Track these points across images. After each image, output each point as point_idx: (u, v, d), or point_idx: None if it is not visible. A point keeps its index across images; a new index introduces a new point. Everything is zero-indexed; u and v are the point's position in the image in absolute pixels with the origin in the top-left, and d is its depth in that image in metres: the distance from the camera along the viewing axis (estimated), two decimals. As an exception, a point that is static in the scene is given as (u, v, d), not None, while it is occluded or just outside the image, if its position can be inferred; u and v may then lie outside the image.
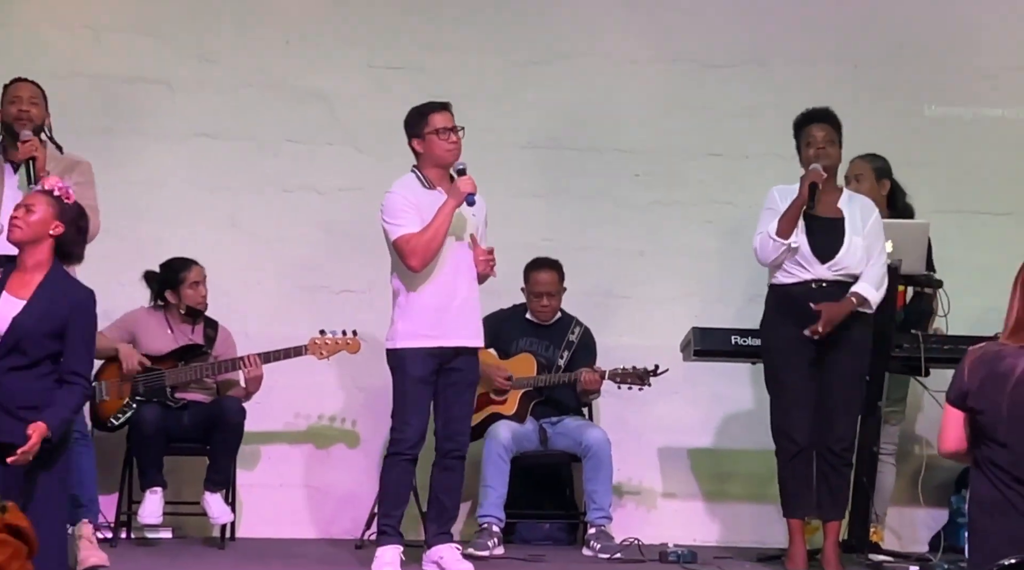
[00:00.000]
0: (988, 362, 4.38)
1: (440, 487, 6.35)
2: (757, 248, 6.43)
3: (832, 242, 6.39)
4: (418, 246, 6.15)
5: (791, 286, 6.39)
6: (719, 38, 7.78)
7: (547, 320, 7.25)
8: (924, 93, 7.77)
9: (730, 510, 7.59)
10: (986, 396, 4.36)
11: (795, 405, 6.37)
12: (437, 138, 6.25)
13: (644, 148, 7.75)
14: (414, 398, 6.19)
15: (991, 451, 4.39)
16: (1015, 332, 4.40)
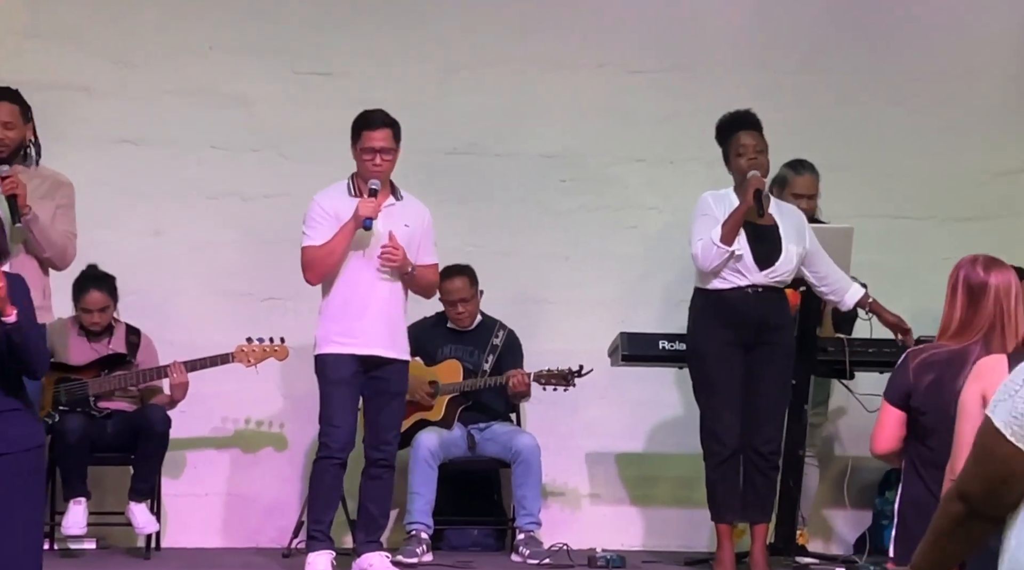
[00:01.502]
0: (935, 363, 4.40)
1: (368, 496, 6.36)
2: (698, 254, 6.42)
3: (770, 249, 6.44)
4: (313, 260, 6.25)
5: (726, 292, 6.42)
6: (644, 44, 7.81)
7: (467, 326, 7.24)
8: (842, 98, 7.83)
9: (657, 514, 7.62)
10: (932, 397, 4.39)
11: (724, 409, 6.41)
12: (363, 155, 6.28)
13: (569, 153, 7.77)
14: (338, 401, 6.22)
15: (930, 452, 4.41)
16: (958, 333, 4.42)
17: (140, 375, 6.88)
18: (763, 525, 6.52)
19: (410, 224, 6.40)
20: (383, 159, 6.31)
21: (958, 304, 4.42)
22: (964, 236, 7.70)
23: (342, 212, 6.28)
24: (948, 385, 4.35)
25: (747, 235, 6.42)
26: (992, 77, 7.89)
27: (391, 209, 6.41)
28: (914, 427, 4.44)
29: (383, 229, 6.32)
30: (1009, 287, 4.41)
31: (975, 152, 7.85)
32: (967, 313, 4.40)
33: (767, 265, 6.42)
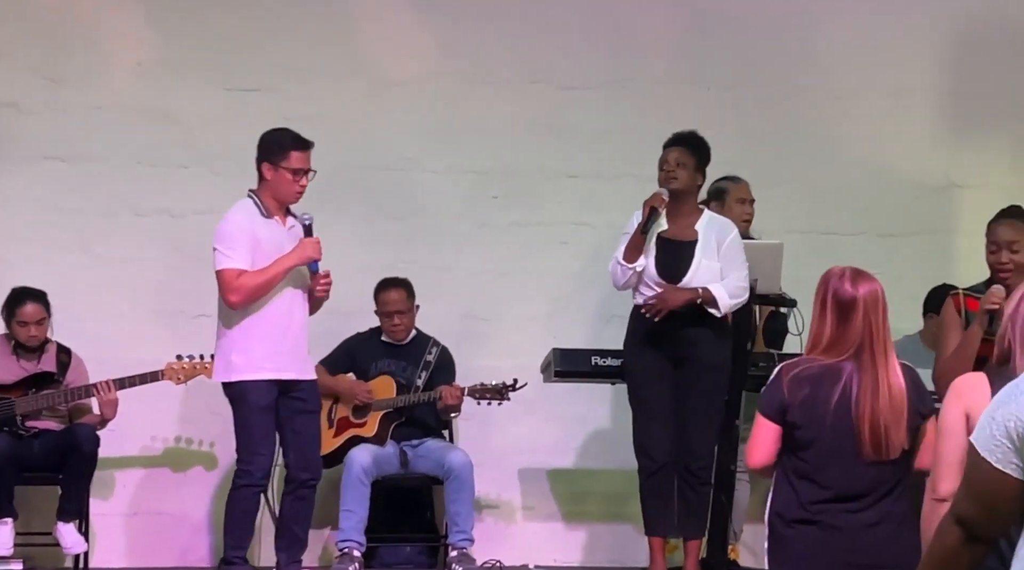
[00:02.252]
0: (808, 378, 4.42)
1: (292, 517, 6.36)
2: (610, 272, 6.50)
3: (679, 264, 6.46)
4: (244, 286, 6.17)
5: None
6: (576, 60, 7.83)
7: (402, 339, 7.21)
8: (776, 114, 7.88)
9: (590, 530, 7.62)
10: (807, 411, 4.41)
11: (656, 424, 6.43)
12: (291, 177, 6.22)
13: (502, 169, 7.77)
14: (261, 428, 6.21)
15: (804, 465, 4.43)
16: (829, 348, 4.44)
17: (68, 393, 6.81)
18: (696, 540, 6.54)
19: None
20: (307, 179, 6.28)
21: (828, 319, 4.44)
22: (894, 252, 7.78)
23: (259, 232, 6.26)
24: (822, 399, 4.39)
25: (657, 250, 6.44)
26: (922, 94, 7.96)
27: (295, 231, 6.40)
28: (788, 440, 4.45)
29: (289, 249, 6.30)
30: (876, 299, 4.44)
31: (905, 168, 7.91)
32: (837, 328, 4.42)
33: (675, 279, 6.43)
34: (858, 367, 4.40)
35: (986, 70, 7.96)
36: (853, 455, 4.39)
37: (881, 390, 4.38)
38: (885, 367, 4.41)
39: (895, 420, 4.38)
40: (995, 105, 7.94)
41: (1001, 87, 7.94)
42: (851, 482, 4.41)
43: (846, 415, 4.38)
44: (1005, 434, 3.00)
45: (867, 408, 4.37)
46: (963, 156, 7.92)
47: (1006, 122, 7.94)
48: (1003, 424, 3.00)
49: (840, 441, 4.39)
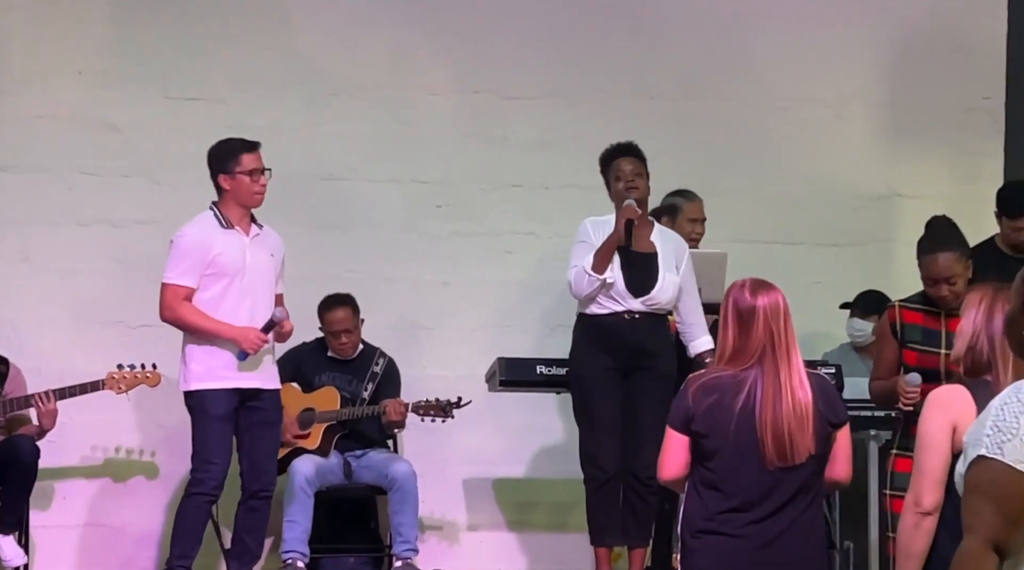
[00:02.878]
0: (712, 388, 4.48)
1: (244, 527, 6.33)
2: (572, 281, 6.47)
3: (646, 277, 6.48)
4: (179, 313, 6.25)
5: (603, 317, 6.46)
6: (519, 70, 7.84)
7: (349, 355, 7.20)
8: (718, 125, 7.92)
9: (535, 540, 7.62)
10: (712, 420, 4.45)
11: (604, 433, 6.43)
12: (248, 179, 6.23)
13: (445, 179, 7.77)
14: (217, 438, 6.18)
15: (712, 475, 4.48)
16: (733, 358, 4.49)
17: (7, 404, 6.74)
18: (641, 549, 6.56)
19: (274, 253, 6.42)
20: (264, 178, 6.30)
21: (730, 329, 4.50)
22: (835, 261, 7.84)
23: (213, 245, 6.26)
24: (726, 408, 4.44)
25: (622, 262, 6.46)
26: (862, 105, 8.03)
27: (258, 239, 6.40)
28: (696, 450, 4.50)
29: (255, 260, 6.31)
30: (777, 308, 4.50)
31: (845, 178, 7.97)
32: (740, 339, 4.48)
33: (642, 292, 6.46)
34: (761, 375, 4.45)
35: (925, 80, 8.04)
36: (758, 462, 4.43)
37: (784, 396, 4.43)
38: (788, 374, 4.45)
39: (799, 426, 4.42)
40: (934, 115, 8.02)
41: (940, 97, 8.02)
42: (756, 490, 4.44)
43: (750, 423, 4.43)
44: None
45: (769, 414, 4.42)
46: (903, 166, 7.99)
47: (945, 132, 8.02)
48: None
49: (744, 449, 4.43)
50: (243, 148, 6.30)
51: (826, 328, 7.53)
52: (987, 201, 7.42)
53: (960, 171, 8.00)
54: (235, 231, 6.31)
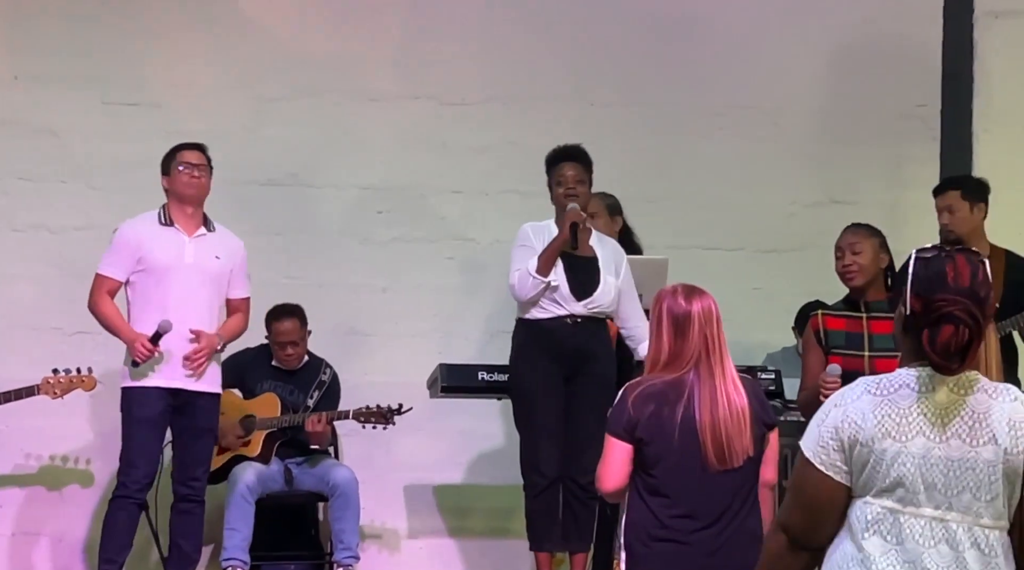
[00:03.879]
0: (652, 395, 4.51)
1: (178, 532, 6.31)
2: (515, 285, 6.47)
3: (588, 281, 6.50)
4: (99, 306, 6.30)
5: (545, 321, 6.47)
6: (460, 76, 7.84)
7: (294, 367, 7.17)
8: (657, 131, 7.95)
9: (475, 545, 7.62)
10: (654, 427, 4.48)
11: (544, 439, 6.44)
12: (182, 173, 6.26)
13: (386, 185, 7.76)
14: (141, 439, 6.17)
15: (654, 481, 4.50)
16: (668, 365, 4.53)
17: (-61, 412, 6.68)
18: (582, 554, 6.57)
19: (221, 256, 6.40)
20: (200, 172, 6.28)
21: (665, 336, 4.55)
22: (772, 267, 7.88)
23: (145, 241, 6.29)
24: (667, 414, 4.47)
25: (564, 266, 6.47)
26: (797, 111, 8.08)
27: (202, 240, 6.40)
28: (638, 458, 4.53)
29: (194, 260, 6.30)
30: (711, 313, 4.57)
31: (782, 184, 8.02)
32: (675, 344, 4.53)
33: (585, 296, 6.48)
34: (697, 380, 4.50)
35: (861, 87, 8.10)
36: (700, 468, 4.47)
37: (720, 400, 4.48)
38: (723, 378, 4.51)
39: (736, 428, 4.47)
40: (870, 122, 8.09)
41: (876, 104, 8.08)
42: (700, 496, 4.48)
43: (690, 428, 4.47)
44: (835, 436, 3.09)
45: (708, 419, 4.46)
46: (839, 172, 8.05)
47: (881, 139, 8.09)
48: (833, 427, 3.09)
49: (686, 454, 4.47)
50: (182, 147, 6.41)
51: (765, 333, 7.58)
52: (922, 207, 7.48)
53: (896, 177, 8.07)
54: (174, 229, 6.31)
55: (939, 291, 3.10)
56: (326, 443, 7.20)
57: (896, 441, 3.07)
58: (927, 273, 3.12)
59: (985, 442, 3.06)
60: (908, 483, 3.05)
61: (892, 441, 3.07)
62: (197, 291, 6.32)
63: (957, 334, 3.07)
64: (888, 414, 3.09)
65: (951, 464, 3.06)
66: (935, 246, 3.22)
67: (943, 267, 3.13)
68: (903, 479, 3.05)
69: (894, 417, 3.08)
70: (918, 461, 3.05)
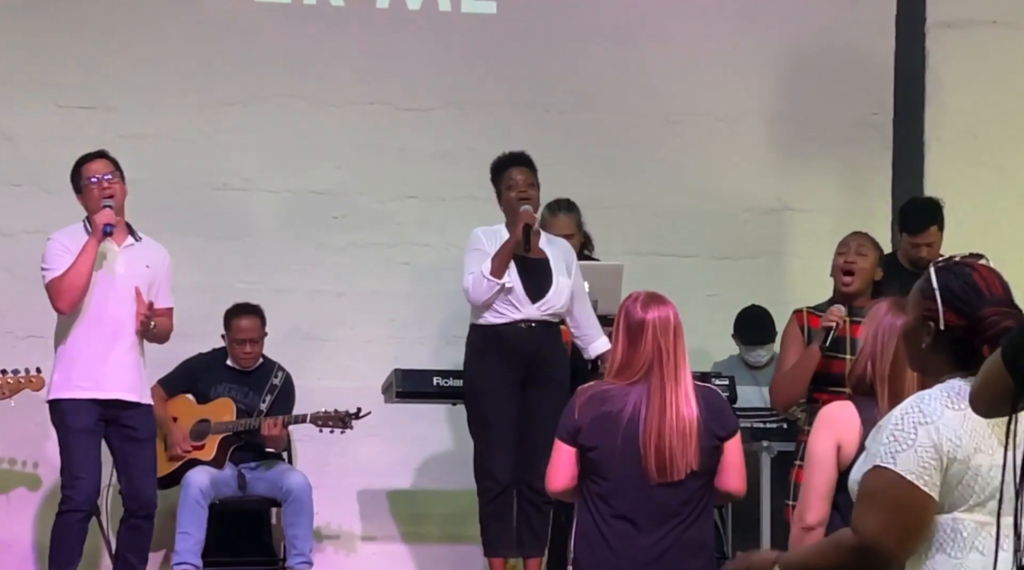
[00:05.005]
0: (599, 401, 4.50)
1: (127, 546, 6.30)
2: (469, 288, 6.48)
3: (541, 282, 6.51)
4: (61, 286, 6.14)
5: (500, 326, 6.47)
6: (415, 82, 7.84)
7: (249, 366, 7.15)
8: (613, 138, 7.97)
9: (428, 551, 7.61)
10: (598, 433, 4.48)
11: (498, 444, 6.45)
12: (92, 188, 6.23)
13: (341, 190, 7.75)
14: (81, 451, 6.13)
15: (599, 487, 4.50)
16: (620, 372, 4.52)
17: None
18: (536, 559, 6.57)
19: (151, 265, 6.38)
20: (109, 183, 6.24)
21: (619, 343, 4.54)
22: (727, 274, 7.91)
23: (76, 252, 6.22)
24: (614, 422, 4.46)
25: (517, 268, 6.49)
26: (754, 119, 8.12)
27: (131, 249, 6.37)
28: (584, 463, 4.52)
29: (126, 270, 6.27)
30: (667, 322, 4.52)
31: (736, 192, 8.05)
32: (628, 351, 4.51)
33: (538, 297, 6.49)
34: (647, 390, 4.46)
35: (816, 96, 8.14)
36: (641, 477, 4.46)
37: (668, 412, 4.45)
38: (675, 389, 4.46)
39: (681, 442, 4.44)
40: (824, 130, 8.13)
41: (830, 112, 8.13)
42: (641, 505, 4.48)
43: (633, 438, 4.45)
44: (935, 455, 3.02)
45: (653, 430, 4.44)
46: (794, 180, 8.09)
47: (835, 146, 8.13)
48: (931, 446, 3.02)
49: (628, 463, 4.46)
50: (84, 161, 6.33)
51: (718, 340, 7.60)
52: (875, 215, 7.56)
53: (849, 185, 8.12)
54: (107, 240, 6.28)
55: (982, 304, 3.06)
56: (282, 447, 7.19)
57: (987, 455, 3.03)
58: (960, 285, 3.08)
59: None
60: (999, 495, 3.02)
61: (984, 455, 3.03)
62: (130, 302, 6.27)
63: None
64: (975, 428, 3.02)
65: None
66: (949, 258, 3.16)
67: (972, 278, 3.09)
68: (996, 492, 3.02)
69: (980, 431, 3.02)
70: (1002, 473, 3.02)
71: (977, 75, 8.18)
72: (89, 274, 6.15)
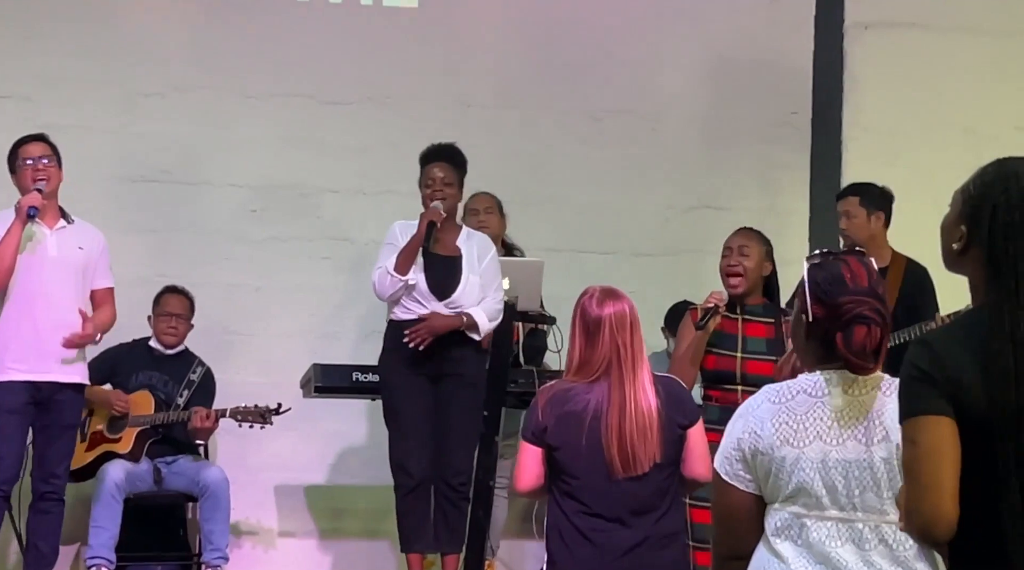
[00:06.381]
0: (561, 400, 4.50)
1: (37, 532, 6.22)
2: (375, 283, 6.48)
3: (449, 280, 6.49)
4: None
5: (407, 322, 6.46)
6: (337, 76, 7.81)
7: (172, 345, 7.09)
8: (534, 134, 7.98)
9: (347, 546, 7.59)
10: (562, 432, 4.48)
11: (413, 440, 6.44)
12: (25, 168, 6.19)
13: (262, 183, 7.70)
14: (8, 432, 6.08)
15: (567, 485, 4.50)
16: (580, 370, 4.52)
17: None
18: (454, 555, 6.57)
19: (84, 246, 6.34)
20: (44, 167, 6.20)
21: (577, 341, 4.53)
22: (648, 270, 7.95)
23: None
24: (575, 420, 4.46)
25: (425, 265, 6.47)
26: (674, 117, 8.16)
27: (64, 232, 6.33)
28: (551, 462, 4.53)
29: (58, 252, 6.22)
30: (624, 318, 4.51)
31: (658, 189, 8.09)
32: (586, 349, 4.51)
33: (444, 296, 6.48)
34: (607, 387, 4.47)
35: (736, 95, 8.20)
36: (607, 473, 4.47)
37: (627, 407, 4.45)
38: (633, 384, 4.47)
39: (641, 436, 4.45)
40: (744, 129, 8.19)
41: (750, 112, 8.19)
42: (609, 501, 4.48)
43: (596, 435, 4.46)
44: (736, 447, 3.13)
45: (614, 425, 4.45)
46: (713, 178, 8.14)
47: (754, 146, 8.19)
48: (736, 438, 3.13)
49: (594, 460, 4.47)
50: (21, 142, 6.31)
51: (638, 336, 7.62)
52: (793, 213, 7.61)
53: (768, 184, 8.18)
54: (35, 223, 6.22)
55: (841, 294, 3.13)
56: (208, 438, 7.13)
57: (794, 448, 3.08)
58: (825, 277, 3.16)
59: (879, 440, 3.10)
60: (810, 489, 3.08)
61: (790, 448, 3.09)
62: (63, 283, 6.24)
63: (870, 334, 3.11)
64: (785, 421, 3.10)
65: (849, 466, 3.09)
66: (823, 252, 3.26)
67: (839, 270, 3.16)
68: (804, 485, 3.07)
69: (791, 424, 3.10)
70: (817, 466, 3.08)
71: (894, 76, 8.27)
72: (12, 256, 6.11)
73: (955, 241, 2.79)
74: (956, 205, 2.82)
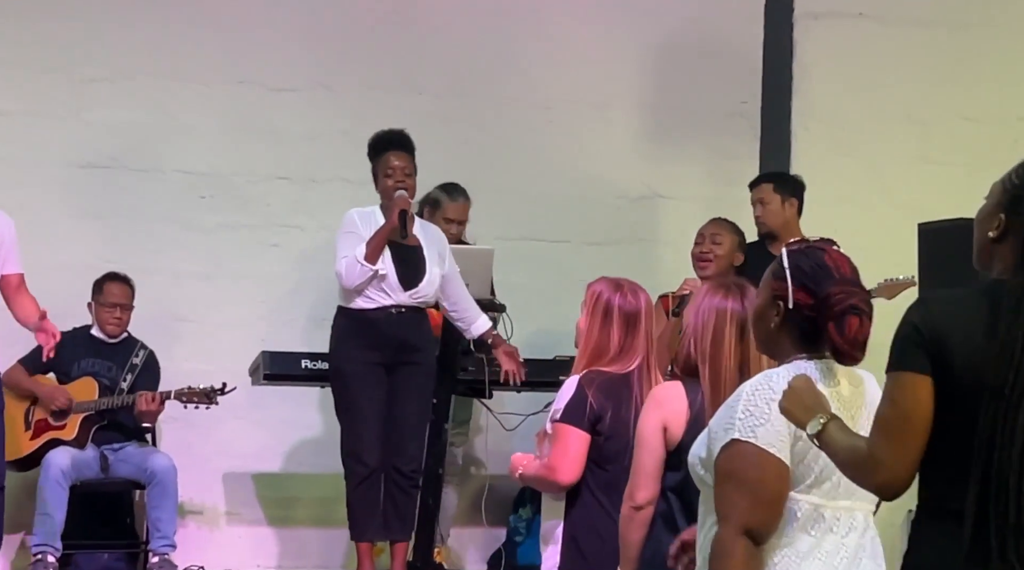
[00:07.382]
0: (610, 389, 4.43)
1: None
2: (343, 272, 6.44)
3: (415, 270, 6.50)
4: None
5: (369, 311, 6.45)
6: (285, 62, 7.77)
7: (115, 335, 7.04)
8: (485, 122, 7.97)
9: (295, 535, 7.57)
10: (615, 423, 4.41)
11: (365, 428, 6.43)
12: None
13: (210, 170, 7.65)
14: None
15: (609, 476, 4.40)
16: (618, 359, 4.45)
17: None
18: (403, 543, 6.58)
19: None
20: None
21: (615, 331, 4.46)
22: (598, 259, 7.92)
23: None
24: (624, 410, 4.41)
25: (392, 255, 6.46)
26: (625, 106, 8.16)
27: None
28: (594, 453, 4.42)
29: None
30: (652, 311, 4.57)
31: (608, 179, 8.09)
32: (625, 339, 4.45)
33: (411, 286, 6.48)
34: (639, 377, 4.44)
35: (686, 84, 8.21)
36: None
37: None
38: (659, 375, 4.48)
39: None
40: (694, 118, 8.20)
41: (700, 101, 8.20)
42: None
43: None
44: (787, 430, 3.05)
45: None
46: (664, 167, 8.15)
47: (705, 135, 8.20)
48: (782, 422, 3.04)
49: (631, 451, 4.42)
50: None
51: (587, 325, 7.63)
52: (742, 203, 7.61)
53: (718, 173, 8.19)
54: None
55: (830, 284, 3.13)
56: (155, 421, 7.08)
57: None
58: (810, 265, 3.15)
59: None
60: (832, 476, 3.07)
61: None
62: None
63: (863, 325, 3.11)
64: None
65: None
66: (801, 240, 3.25)
67: (822, 258, 3.17)
68: (830, 472, 3.06)
69: None
70: None
71: (843, 66, 8.31)
72: None
73: (992, 229, 2.86)
74: (995, 195, 2.89)
